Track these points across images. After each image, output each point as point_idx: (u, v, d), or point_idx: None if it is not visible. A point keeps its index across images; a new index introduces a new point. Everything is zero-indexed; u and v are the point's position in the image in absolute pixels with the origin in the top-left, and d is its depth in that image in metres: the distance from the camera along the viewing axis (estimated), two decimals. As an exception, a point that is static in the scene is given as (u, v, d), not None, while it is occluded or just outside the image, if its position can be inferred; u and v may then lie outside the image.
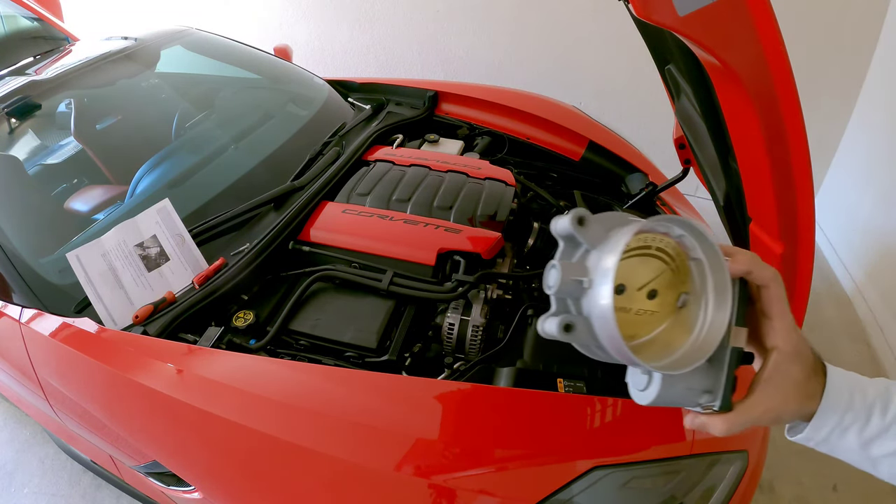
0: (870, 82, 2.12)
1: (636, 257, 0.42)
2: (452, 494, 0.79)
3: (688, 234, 0.41)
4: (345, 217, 1.25)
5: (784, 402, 0.44)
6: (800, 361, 0.44)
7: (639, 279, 0.42)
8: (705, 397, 0.44)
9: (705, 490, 0.85)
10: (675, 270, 0.43)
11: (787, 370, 0.44)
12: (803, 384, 0.44)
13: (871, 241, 2.04)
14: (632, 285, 0.42)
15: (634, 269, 0.42)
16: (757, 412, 0.44)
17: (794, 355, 0.44)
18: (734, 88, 0.55)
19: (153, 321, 1.04)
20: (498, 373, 0.97)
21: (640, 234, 0.40)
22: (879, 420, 0.44)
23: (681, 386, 0.43)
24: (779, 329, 0.45)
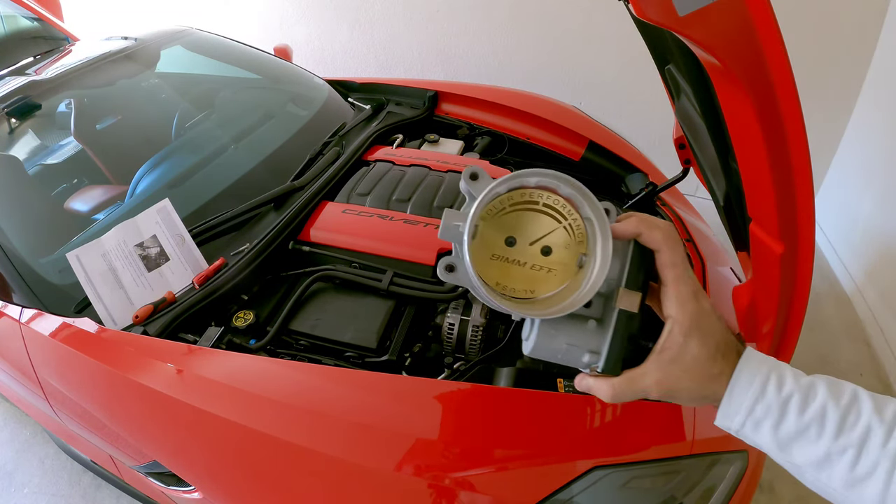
0: (870, 82, 2.12)
1: (524, 211, 0.43)
2: (452, 494, 0.79)
3: (576, 193, 0.42)
4: (345, 217, 1.25)
5: (678, 377, 0.41)
6: (699, 335, 0.41)
7: (530, 234, 0.43)
8: (589, 357, 0.44)
9: (705, 490, 0.85)
10: (569, 230, 0.43)
11: (683, 343, 0.41)
12: (704, 362, 0.41)
13: (871, 241, 2.04)
14: (523, 239, 0.43)
15: (524, 222, 0.43)
16: (646, 383, 0.42)
17: (692, 327, 0.41)
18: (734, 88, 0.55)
19: (153, 321, 1.04)
20: (498, 373, 0.97)
21: (523, 190, 0.42)
22: (796, 418, 0.39)
23: (562, 340, 0.44)
24: (673, 297, 0.42)
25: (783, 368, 0.41)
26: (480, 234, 0.43)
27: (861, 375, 1.80)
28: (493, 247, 0.43)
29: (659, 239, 0.42)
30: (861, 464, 0.37)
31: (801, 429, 0.39)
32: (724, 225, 0.97)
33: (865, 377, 1.80)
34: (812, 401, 0.39)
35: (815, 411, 0.39)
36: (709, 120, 0.79)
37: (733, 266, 1.35)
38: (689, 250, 1.25)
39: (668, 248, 0.42)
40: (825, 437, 0.38)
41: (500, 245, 0.43)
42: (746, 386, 0.40)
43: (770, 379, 0.40)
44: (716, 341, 0.41)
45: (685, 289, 0.42)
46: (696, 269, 1.19)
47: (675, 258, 0.42)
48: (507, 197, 0.43)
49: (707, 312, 0.42)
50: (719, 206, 0.95)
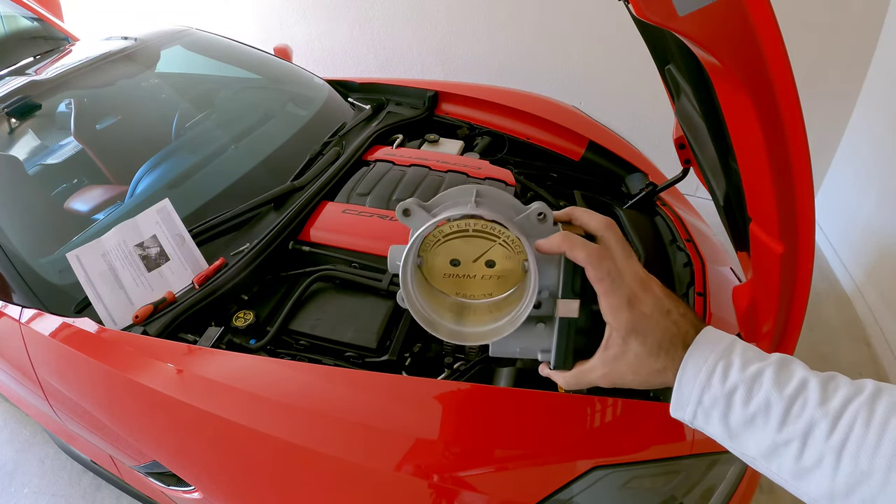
0: (870, 82, 2.12)
1: (457, 239, 0.47)
2: (452, 494, 0.79)
3: (498, 217, 0.45)
4: (345, 217, 1.25)
5: (623, 372, 0.45)
6: (638, 337, 0.43)
7: (469, 254, 0.47)
8: (542, 354, 0.48)
9: (705, 490, 0.85)
10: (505, 245, 0.47)
11: (623, 344, 0.44)
12: (646, 359, 0.43)
13: (871, 241, 2.04)
14: (465, 259, 0.48)
15: (460, 247, 0.47)
16: (594, 376, 0.46)
17: (629, 332, 0.43)
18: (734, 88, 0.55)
19: (153, 321, 1.04)
20: (498, 373, 0.97)
21: (449, 223, 0.46)
22: (741, 410, 0.39)
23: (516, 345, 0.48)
24: (605, 308, 0.44)
25: (732, 355, 0.41)
26: (427, 262, 0.48)
27: (861, 375, 1.80)
28: (442, 269, 0.48)
29: (581, 258, 0.44)
30: (806, 456, 0.37)
31: (747, 420, 0.39)
32: (724, 225, 0.97)
33: (865, 377, 1.79)
34: (757, 392, 0.39)
35: (759, 403, 0.39)
36: (709, 120, 0.79)
37: (733, 266, 1.35)
38: (689, 250, 1.25)
39: (591, 266, 0.44)
40: (769, 428, 0.38)
41: (448, 266, 0.48)
42: (693, 377, 0.41)
43: (716, 370, 0.41)
44: (657, 339, 0.43)
45: (614, 300, 0.44)
46: (696, 269, 1.19)
47: (599, 273, 0.43)
48: (437, 231, 0.46)
49: (645, 315, 0.43)
50: (719, 206, 0.95)
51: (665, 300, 0.45)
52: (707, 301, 1.11)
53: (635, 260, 0.46)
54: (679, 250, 1.26)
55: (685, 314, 0.45)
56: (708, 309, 1.09)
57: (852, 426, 0.36)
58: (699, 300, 1.11)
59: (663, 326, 0.43)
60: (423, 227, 0.44)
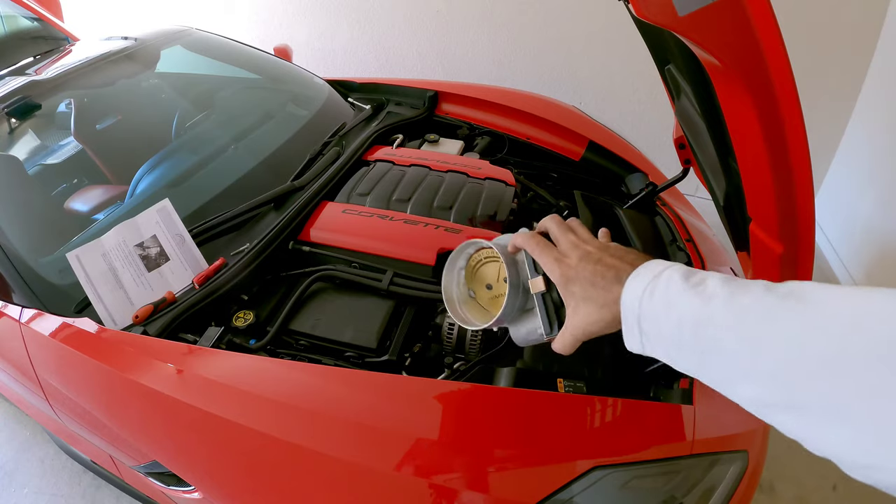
0: (870, 82, 2.12)
1: (482, 266, 0.66)
2: (452, 494, 0.79)
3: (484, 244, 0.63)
4: (345, 217, 1.25)
5: (583, 319, 0.51)
6: (573, 285, 0.51)
7: (493, 276, 0.66)
8: (540, 332, 0.57)
9: (705, 490, 0.85)
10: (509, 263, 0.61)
11: (568, 295, 0.52)
12: (587, 299, 0.50)
13: (871, 241, 2.04)
14: (493, 281, 0.65)
15: (486, 273, 0.66)
16: (570, 331, 0.53)
17: (566, 282, 0.52)
18: (734, 88, 0.55)
19: (153, 321, 1.04)
20: (498, 373, 0.97)
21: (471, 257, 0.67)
22: (667, 326, 0.42)
23: (522, 329, 0.61)
24: (545, 270, 0.55)
25: (660, 278, 0.44)
26: (477, 293, 0.68)
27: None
28: (487, 294, 0.67)
29: (519, 242, 0.59)
30: None
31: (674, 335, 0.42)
32: (724, 225, 0.97)
33: (865, 377, 1.79)
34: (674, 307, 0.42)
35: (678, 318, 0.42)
36: (709, 120, 0.79)
37: (733, 266, 1.35)
38: (689, 250, 1.25)
39: (526, 245, 0.58)
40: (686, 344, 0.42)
41: (487, 291, 0.66)
42: (631, 305, 0.46)
43: (644, 293, 0.45)
44: (589, 280, 0.50)
45: (545, 261, 0.55)
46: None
47: (531, 247, 0.57)
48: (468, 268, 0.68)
49: (571, 266, 0.52)
50: (719, 206, 0.95)
51: (595, 252, 0.52)
52: (707, 301, 1.11)
53: (575, 233, 0.57)
54: (679, 250, 1.26)
55: (622, 256, 0.51)
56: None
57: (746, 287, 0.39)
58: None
59: (591, 269, 0.51)
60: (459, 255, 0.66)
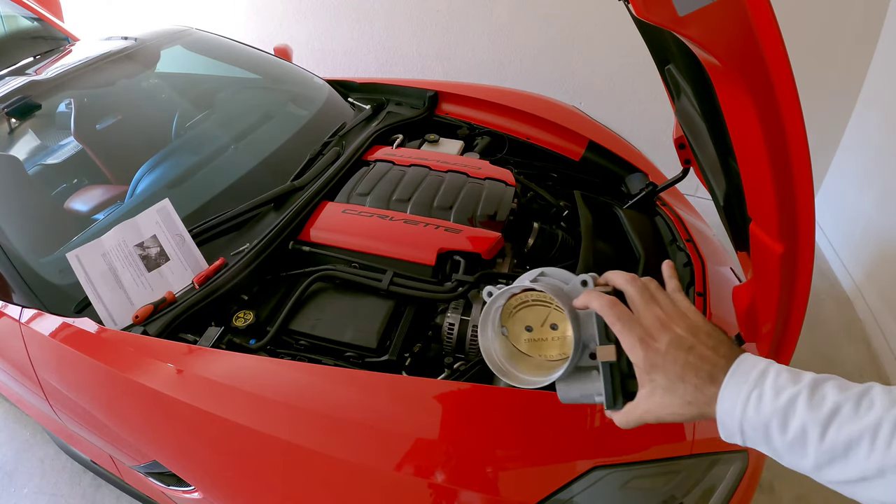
0: (870, 83, 2.12)
1: (524, 309, 0.59)
2: (452, 494, 0.79)
3: (544, 290, 0.55)
4: (345, 217, 1.25)
5: (659, 406, 0.48)
6: (657, 372, 0.48)
7: (537, 320, 0.59)
8: (599, 398, 0.54)
9: (705, 490, 0.85)
10: (558, 309, 0.56)
11: (649, 380, 0.48)
12: (670, 391, 0.47)
13: (871, 241, 2.04)
14: (535, 324, 0.60)
15: (527, 315, 0.60)
16: (638, 413, 0.50)
17: (649, 367, 0.48)
18: (734, 88, 0.55)
19: (153, 321, 1.04)
20: (498, 373, 0.97)
21: (515, 296, 0.58)
22: (780, 437, 0.42)
23: (576, 391, 0.56)
24: (625, 347, 0.50)
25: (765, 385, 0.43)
26: (511, 331, 0.61)
27: (861, 375, 1.80)
28: (521, 334, 0.61)
29: (596, 307, 0.52)
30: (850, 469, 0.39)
31: (788, 445, 0.42)
32: (724, 225, 0.97)
33: (865, 377, 1.79)
34: (791, 420, 0.41)
35: (795, 431, 0.41)
36: (709, 120, 0.79)
37: (733, 266, 1.35)
38: (689, 250, 1.25)
39: (603, 313, 0.51)
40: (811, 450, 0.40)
41: (524, 332, 0.60)
42: (729, 410, 0.44)
43: (749, 401, 0.43)
44: (677, 373, 0.47)
45: (627, 340, 0.49)
46: (697, 269, 1.19)
47: (610, 319, 0.51)
48: (508, 304, 0.59)
49: (660, 351, 0.48)
50: (719, 206, 0.95)
51: (687, 337, 0.48)
52: (707, 301, 1.11)
53: (660, 304, 0.51)
54: (679, 250, 1.26)
55: (716, 347, 0.47)
56: (708, 309, 1.09)
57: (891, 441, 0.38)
58: (699, 300, 1.11)
59: (683, 361, 0.47)
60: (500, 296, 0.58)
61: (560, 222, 1.41)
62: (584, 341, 0.55)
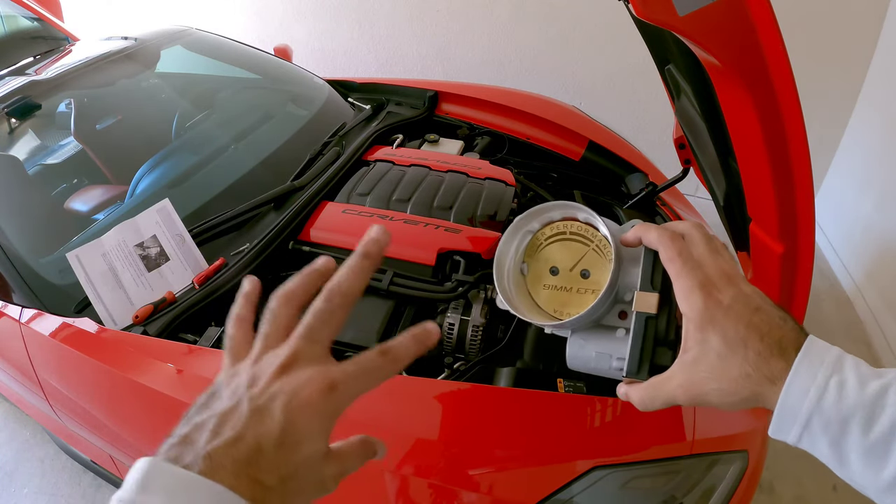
0: (870, 82, 2.12)
1: (557, 242, 0.50)
2: (452, 494, 0.79)
3: (590, 216, 0.47)
4: (345, 217, 1.25)
5: (704, 380, 0.37)
6: (717, 330, 0.37)
7: (567, 261, 0.49)
8: (617, 362, 0.44)
9: (705, 490, 0.85)
10: (598, 251, 0.48)
11: (701, 339, 0.37)
12: (729, 357, 0.36)
13: (871, 241, 2.04)
14: (563, 267, 0.49)
15: (559, 252, 0.50)
16: (670, 387, 0.39)
17: (705, 322, 0.37)
18: (734, 88, 0.55)
19: (153, 321, 1.04)
20: (498, 373, 0.97)
21: (551, 224, 0.50)
22: (859, 438, 0.33)
23: (591, 349, 0.46)
24: (678, 293, 0.39)
25: (846, 370, 0.34)
26: (531, 269, 0.51)
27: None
28: (542, 278, 0.50)
29: (653, 239, 0.42)
30: None
31: (867, 449, 0.33)
32: (724, 225, 0.97)
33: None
34: (880, 416, 0.33)
35: (883, 430, 0.32)
36: (709, 120, 0.79)
37: (733, 266, 1.35)
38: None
39: (662, 246, 0.41)
40: (892, 462, 0.32)
41: (547, 275, 0.50)
42: (800, 396, 0.34)
43: (828, 388, 0.34)
44: (741, 335, 0.36)
45: (686, 282, 0.39)
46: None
47: (670, 253, 0.40)
48: (539, 234, 0.50)
49: (723, 304, 0.37)
50: (719, 206, 0.95)
51: (755, 297, 0.38)
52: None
53: (726, 259, 0.41)
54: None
55: (784, 318, 0.37)
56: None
57: None
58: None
59: (748, 321, 0.37)
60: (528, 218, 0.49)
61: (560, 222, 1.41)
62: (618, 291, 0.45)
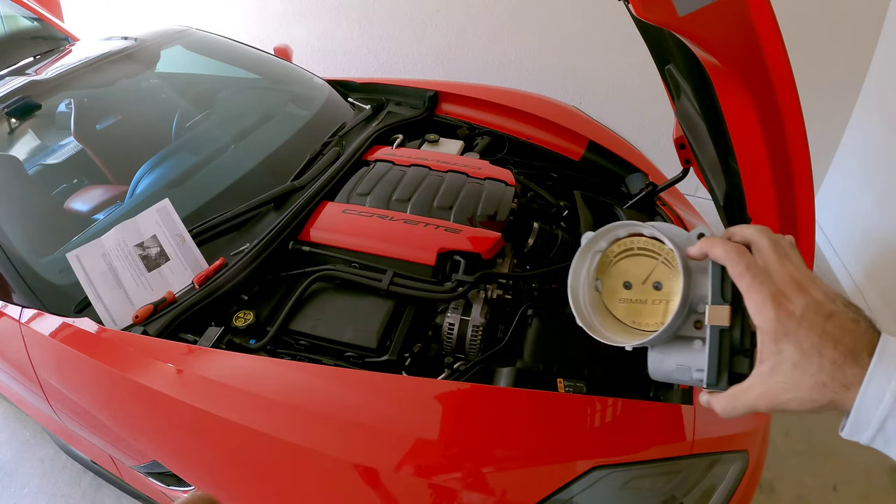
0: (870, 82, 2.12)
1: (626, 258, 0.51)
2: (452, 494, 0.79)
3: (656, 231, 0.48)
4: (345, 217, 1.25)
5: (782, 389, 0.39)
6: (790, 341, 0.38)
7: (639, 275, 0.50)
8: (697, 374, 0.45)
9: (705, 490, 0.85)
10: (667, 263, 0.49)
11: (776, 351, 0.39)
12: (805, 366, 0.38)
13: (871, 241, 2.04)
14: (636, 281, 0.50)
15: (629, 268, 0.51)
16: (749, 397, 0.41)
17: (779, 333, 0.39)
18: (734, 88, 0.55)
19: (153, 321, 1.04)
20: (498, 373, 0.97)
21: (618, 241, 0.51)
22: None
23: (672, 361, 0.47)
24: (749, 306, 0.41)
25: None
26: (605, 286, 0.52)
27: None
28: (617, 293, 0.52)
29: (719, 255, 0.43)
30: None
31: None
32: (723, 225, 0.97)
33: (865, 377, 1.80)
34: None
35: None
36: (709, 120, 0.80)
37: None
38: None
39: (729, 261, 0.42)
40: None
41: (621, 290, 0.52)
42: (876, 400, 0.36)
43: None
44: (815, 344, 0.38)
45: (757, 296, 0.40)
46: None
47: (738, 269, 0.41)
48: (609, 251, 0.52)
49: (795, 315, 0.39)
50: (719, 206, 0.95)
51: (826, 302, 0.39)
52: (707, 301, 1.11)
53: (795, 263, 0.42)
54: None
55: (856, 320, 0.38)
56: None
57: None
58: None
59: (821, 329, 0.38)
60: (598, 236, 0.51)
61: (560, 222, 1.41)
62: (691, 302, 0.46)
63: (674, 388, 0.95)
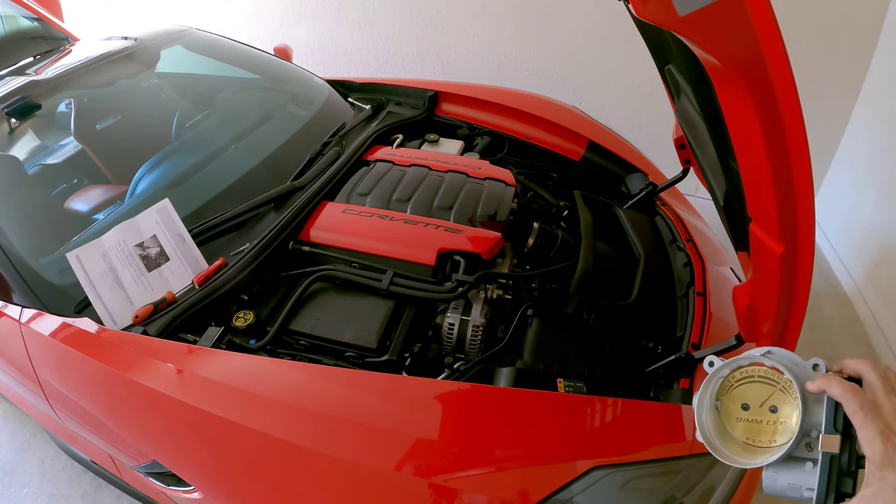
0: (870, 82, 2.12)
1: (746, 384, 0.58)
2: (452, 494, 0.79)
3: (777, 364, 0.55)
4: (345, 217, 1.25)
5: None
6: (895, 469, 0.45)
7: (757, 399, 0.57)
8: (808, 493, 0.51)
9: (705, 490, 0.85)
10: (785, 390, 0.55)
11: (879, 478, 0.46)
12: None
13: (871, 241, 2.04)
14: (753, 403, 0.57)
15: (749, 392, 0.58)
16: None
17: (885, 464, 0.45)
18: (734, 88, 0.55)
19: (153, 321, 1.04)
20: (498, 373, 0.97)
21: (740, 369, 0.58)
22: None
23: (784, 481, 0.53)
24: (861, 440, 0.48)
25: None
26: (724, 406, 0.59)
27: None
28: (735, 413, 0.58)
29: (837, 393, 0.50)
30: None
31: None
32: (724, 225, 0.97)
33: (865, 377, 1.79)
34: None
35: None
36: (709, 120, 0.80)
37: (733, 266, 1.35)
38: (689, 250, 1.25)
39: (845, 400, 0.49)
40: None
41: (739, 410, 0.58)
42: None
43: None
44: None
45: (867, 432, 0.47)
46: (697, 269, 1.19)
47: (852, 407, 0.48)
48: (731, 377, 0.59)
49: None
50: (719, 206, 0.95)
51: None
52: (707, 301, 1.11)
53: None
54: (679, 250, 1.27)
55: None
56: (708, 309, 1.09)
57: None
58: (699, 300, 1.11)
59: None
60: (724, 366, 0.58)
61: (560, 222, 1.41)
62: (805, 429, 0.53)
63: (674, 388, 0.95)
